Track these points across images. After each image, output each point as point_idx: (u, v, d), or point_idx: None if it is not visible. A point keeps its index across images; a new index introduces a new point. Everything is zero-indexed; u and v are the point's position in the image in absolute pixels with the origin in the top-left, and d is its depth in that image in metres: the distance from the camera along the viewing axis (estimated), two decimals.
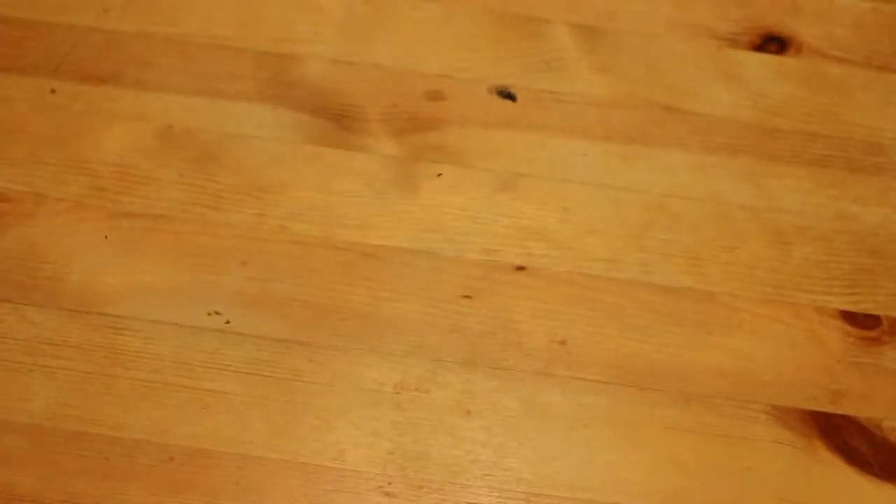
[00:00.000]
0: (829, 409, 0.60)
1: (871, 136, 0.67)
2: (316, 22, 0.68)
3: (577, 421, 0.58)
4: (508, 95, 0.66)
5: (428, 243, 0.62)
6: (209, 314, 0.59)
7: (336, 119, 0.65)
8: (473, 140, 0.65)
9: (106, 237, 0.60)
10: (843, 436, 0.59)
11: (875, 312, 0.62)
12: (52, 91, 0.64)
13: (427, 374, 0.59)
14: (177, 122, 0.64)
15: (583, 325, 0.61)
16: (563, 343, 0.60)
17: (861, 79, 0.69)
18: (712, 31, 0.69)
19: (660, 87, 0.67)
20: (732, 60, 0.69)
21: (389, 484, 0.56)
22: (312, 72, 0.66)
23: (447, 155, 0.64)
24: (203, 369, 0.58)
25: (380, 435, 0.57)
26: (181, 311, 0.59)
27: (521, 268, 0.62)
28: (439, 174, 0.64)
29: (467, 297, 0.61)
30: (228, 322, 0.59)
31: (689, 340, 0.61)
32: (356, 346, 0.59)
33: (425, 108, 0.66)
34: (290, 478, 0.56)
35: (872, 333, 0.62)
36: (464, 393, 0.58)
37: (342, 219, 0.62)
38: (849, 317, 0.62)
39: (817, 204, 0.65)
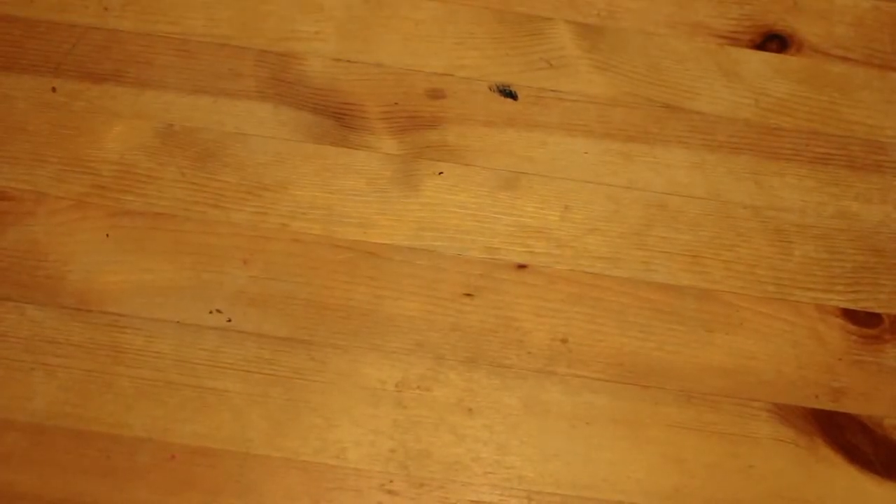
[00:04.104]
0: (830, 407, 0.60)
1: (872, 135, 0.67)
2: (316, 20, 0.68)
3: (579, 419, 0.58)
4: (509, 94, 0.66)
5: (429, 241, 0.62)
6: (210, 312, 0.59)
7: (337, 117, 0.65)
8: (474, 138, 0.65)
9: (107, 235, 0.60)
10: (844, 434, 0.59)
11: (876, 310, 0.62)
12: (53, 89, 0.64)
13: (428, 373, 0.59)
14: (177, 121, 0.64)
15: (584, 323, 0.61)
16: (564, 341, 0.60)
17: (862, 77, 0.69)
18: (713, 29, 0.69)
19: (660, 85, 0.67)
20: (733, 59, 0.69)
21: (391, 482, 0.56)
22: (313, 70, 0.66)
23: (448, 153, 0.64)
24: (204, 368, 0.58)
25: (381, 433, 0.57)
26: (182, 309, 0.59)
27: (522, 266, 0.62)
28: (440, 172, 0.64)
29: (468, 295, 0.61)
30: (230, 320, 0.59)
31: (691, 338, 0.61)
32: (357, 345, 0.59)
33: (426, 106, 0.66)
34: (292, 476, 0.56)
35: (874, 331, 0.62)
36: (465, 391, 0.58)
37: (343, 217, 0.62)
38: (850, 315, 0.62)
39: (818, 202, 0.65)
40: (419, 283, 0.61)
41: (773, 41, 0.70)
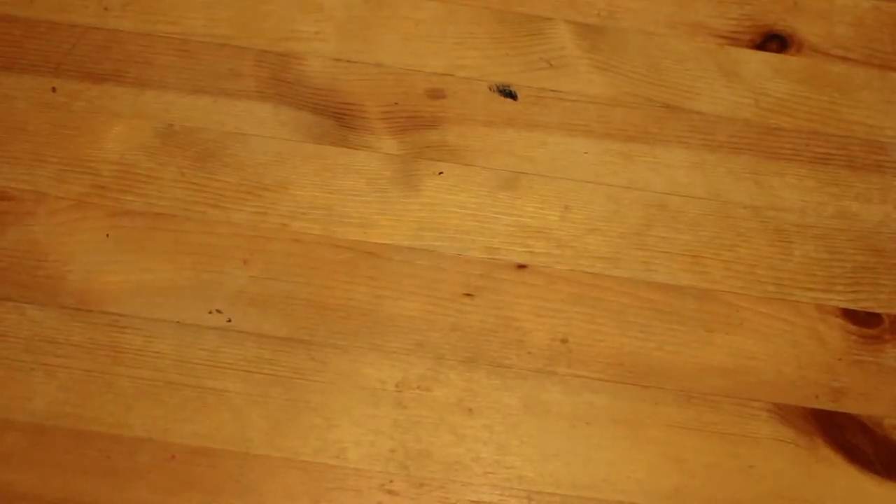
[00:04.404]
0: (830, 407, 0.60)
1: (872, 135, 0.67)
2: (316, 20, 0.68)
3: (579, 419, 0.58)
4: (509, 94, 0.66)
5: (429, 241, 0.62)
6: (210, 312, 0.59)
7: (337, 117, 0.65)
8: (474, 138, 0.65)
9: (107, 235, 0.60)
10: (844, 434, 0.59)
11: (876, 310, 0.62)
12: (53, 89, 0.64)
13: (428, 373, 0.59)
14: (177, 121, 0.64)
15: (584, 323, 0.61)
16: (564, 341, 0.60)
17: (862, 77, 0.69)
18: (713, 29, 0.69)
19: (660, 85, 0.67)
20: (733, 59, 0.69)
21: (391, 482, 0.56)
22: (313, 70, 0.66)
23: (448, 153, 0.64)
24: (204, 368, 0.58)
25: (381, 433, 0.57)
26: (182, 309, 0.59)
27: (522, 266, 0.62)
28: (440, 172, 0.64)
29: (468, 295, 0.61)
30: (230, 320, 0.59)
31: (691, 338, 0.61)
32: (357, 345, 0.59)
33: (426, 106, 0.66)
34: (292, 476, 0.56)
35: (874, 331, 0.62)
36: (465, 391, 0.58)
37: (343, 217, 0.62)
38: (850, 315, 0.62)
39: (818, 202, 0.65)
40: (419, 283, 0.61)
41: (773, 41, 0.70)
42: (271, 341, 0.59)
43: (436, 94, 0.66)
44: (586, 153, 0.65)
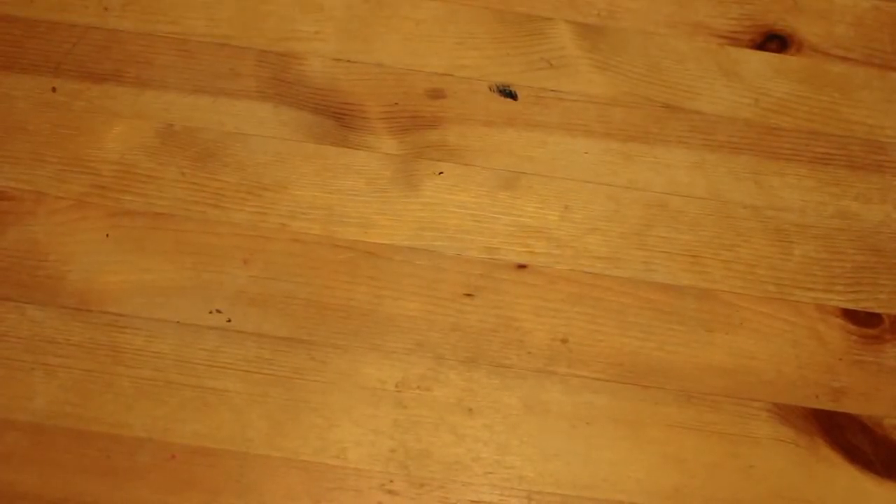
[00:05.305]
0: (830, 407, 0.60)
1: (872, 134, 0.67)
2: (317, 20, 0.68)
3: (579, 419, 0.58)
4: (509, 94, 0.66)
5: (429, 241, 0.62)
6: (210, 312, 0.59)
7: (337, 117, 0.65)
8: (474, 138, 0.65)
9: (107, 235, 0.60)
10: (844, 434, 0.59)
11: (876, 310, 0.62)
12: (53, 89, 0.64)
13: (428, 373, 0.59)
14: (178, 121, 0.64)
15: (584, 323, 0.61)
16: (564, 341, 0.60)
17: (862, 77, 0.69)
18: (713, 29, 0.69)
19: (660, 85, 0.67)
20: (733, 59, 0.69)
21: (391, 482, 0.56)
22: (313, 70, 0.66)
23: (448, 153, 0.64)
24: (204, 367, 0.58)
25: (381, 433, 0.57)
26: (182, 309, 0.59)
27: (522, 266, 0.62)
28: (440, 172, 0.64)
29: (469, 295, 0.61)
30: (230, 320, 0.59)
31: (691, 338, 0.61)
32: (357, 345, 0.59)
33: (426, 106, 0.66)
34: (292, 476, 0.56)
35: (874, 331, 0.62)
36: (465, 391, 0.59)
37: (343, 217, 0.62)
38: (850, 315, 0.62)
39: (818, 202, 0.65)
40: (419, 283, 0.61)
41: (773, 41, 0.70)
42: (271, 341, 0.59)
43: (436, 94, 0.66)
44: (586, 153, 0.65)
